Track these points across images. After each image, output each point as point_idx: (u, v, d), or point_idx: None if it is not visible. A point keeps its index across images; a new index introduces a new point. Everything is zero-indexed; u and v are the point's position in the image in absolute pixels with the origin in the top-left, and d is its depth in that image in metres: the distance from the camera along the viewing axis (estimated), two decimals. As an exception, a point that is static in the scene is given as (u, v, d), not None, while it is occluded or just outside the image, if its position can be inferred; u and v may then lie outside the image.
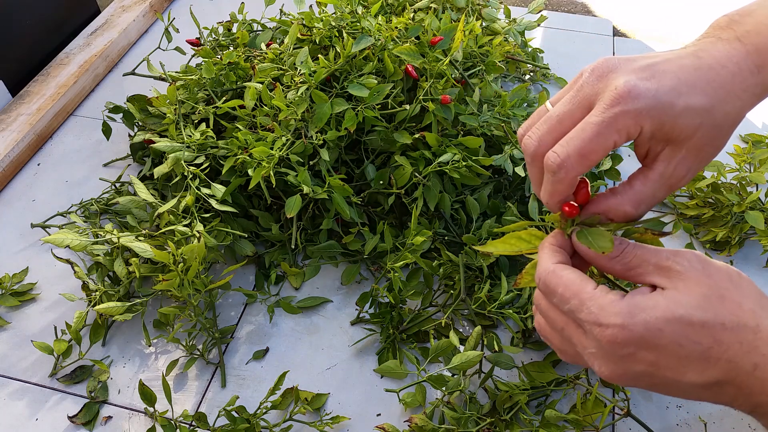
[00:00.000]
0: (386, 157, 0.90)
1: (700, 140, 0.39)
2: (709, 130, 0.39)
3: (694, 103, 0.38)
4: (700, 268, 0.38)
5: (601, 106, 0.38)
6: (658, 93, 0.38)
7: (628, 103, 0.38)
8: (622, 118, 0.38)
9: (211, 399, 0.77)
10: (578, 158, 0.39)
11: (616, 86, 0.39)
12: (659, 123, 0.38)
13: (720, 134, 0.40)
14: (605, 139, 0.38)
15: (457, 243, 0.88)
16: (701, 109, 0.38)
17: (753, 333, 0.36)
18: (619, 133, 0.38)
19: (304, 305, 0.86)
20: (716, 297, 0.37)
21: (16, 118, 1.09)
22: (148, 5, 1.35)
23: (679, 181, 0.40)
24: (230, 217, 0.87)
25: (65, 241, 0.79)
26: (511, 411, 0.72)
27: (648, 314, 0.36)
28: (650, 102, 0.38)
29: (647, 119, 0.38)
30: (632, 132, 0.38)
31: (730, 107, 0.39)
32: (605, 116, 0.38)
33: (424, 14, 1.02)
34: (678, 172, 0.40)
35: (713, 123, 0.39)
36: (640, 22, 1.39)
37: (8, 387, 0.79)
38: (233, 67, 0.93)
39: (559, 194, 0.41)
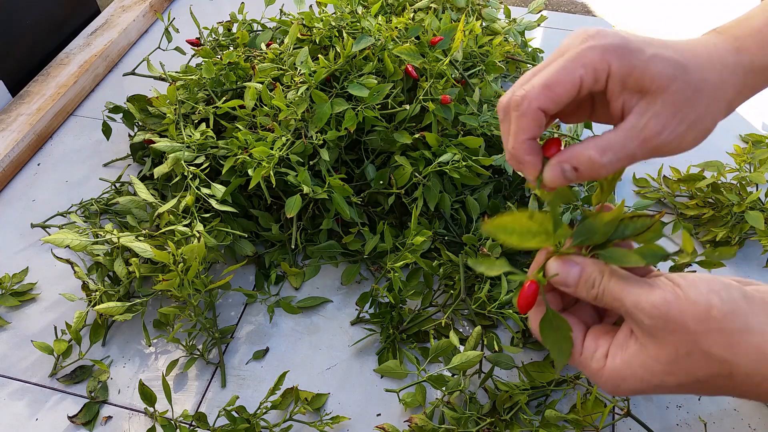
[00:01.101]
0: (386, 157, 0.90)
1: (676, 95, 0.38)
2: (684, 87, 0.38)
3: (665, 53, 0.38)
4: (662, 326, 0.37)
5: (569, 49, 0.39)
6: (627, 38, 0.38)
7: (596, 40, 0.38)
8: (589, 52, 0.37)
9: (211, 399, 0.77)
10: (541, 88, 0.38)
11: (587, 31, 0.39)
12: (629, 66, 0.37)
13: (700, 98, 0.38)
14: (570, 72, 0.38)
15: (457, 243, 0.88)
16: (675, 61, 0.38)
17: (728, 379, 0.37)
18: (585, 66, 0.37)
19: (304, 305, 0.86)
20: (684, 356, 0.37)
21: (16, 118, 1.09)
22: (148, 5, 1.35)
23: (653, 136, 0.39)
24: (230, 217, 0.87)
25: (65, 241, 0.79)
26: (511, 411, 0.72)
27: (629, 383, 0.39)
28: (618, 41, 0.38)
29: (614, 57, 0.37)
30: (599, 68, 0.37)
31: (707, 74, 0.39)
32: (572, 52, 0.38)
33: (424, 14, 1.02)
34: (652, 125, 0.38)
35: (689, 81, 0.38)
36: (640, 22, 1.39)
37: (8, 387, 0.79)
38: (233, 67, 0.93)
39: (522, 131, 0.39)
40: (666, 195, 0.98)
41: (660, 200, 1.00)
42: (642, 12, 1.41)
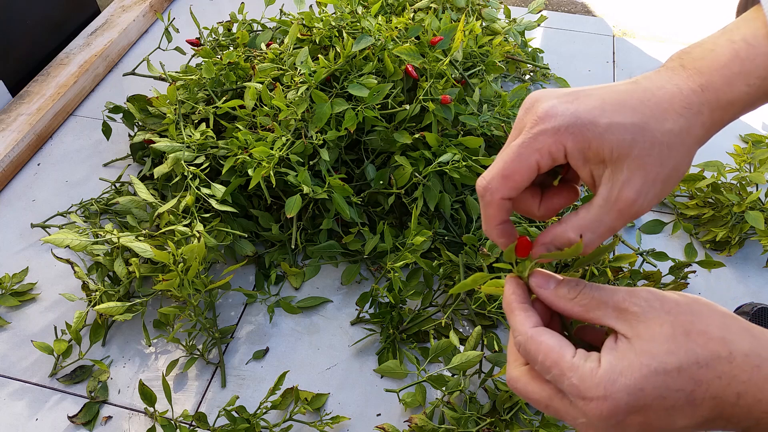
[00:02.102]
0: (386, 157, 0.90)
1: (641, 159, 0.37)
2: (647, 147, 0.37)
3: (620, 119, 0.37)
4: (658, 306, 0.37)
5: (524, 131, 0.39)
6: (577, 111, 0.37)
7: (546, 123, 0.38)
8: (541, 136, 0.38)
9: (211, 399, 0.77)
10: (500, 179, 0.39)
11: (537, 111, 0.38)
12: (584, 141, 0.37)
13: (669, 153, 0.38)
14: (525, 159, 0.38)
15: (457, 243, 0.88)
16: (630, 125, 0.37)
17: (728, 362, 0.36)
18: (540, 152, 0.38)
19: (304, 305, 0.86)
20: (682, 334, 0.36)
21: (16, 118, 1.09)
22: (148, 5, 1.35)
23: (628, 205, 0.38)
24: (230, 217, 0.87)
25: (65, 241, 0.78)
26: (511, 411, 0.72)
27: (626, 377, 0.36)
28: (568, 119, 0.37)
29: (568, 137, 0.37)
30: (554, 151, 0.38)
31: (670, 125, 0.38)
32: (524, 138, 0.38)
33: (424, 14, 1.02)
34: (625, 195, 0.38)
35: (651, 140, 0.37)
36: (640, 22, 1.39)
37: (8, 387, 0.79)
38: (233, 67, 0.93)
39: (491, 219, 0.41)
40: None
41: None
42: (642, 12, 1.41)
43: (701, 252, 0.92)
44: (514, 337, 0.41)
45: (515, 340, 0.40)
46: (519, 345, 0.40)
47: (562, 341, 0.39)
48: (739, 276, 0.90)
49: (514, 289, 0.42)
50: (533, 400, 0.40)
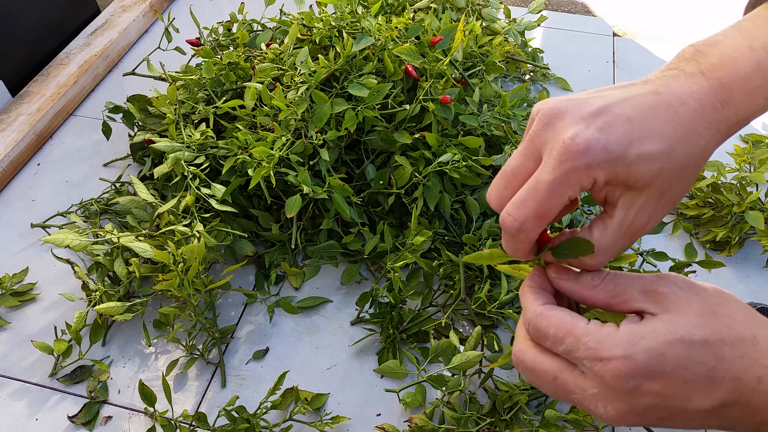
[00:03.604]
0: (386, 157, 0.90)
1: (662, 185, 0.37)
2: (670, 174, 0.37)
3: (649, 149, 0.37)
4: (687, 288, 0.38)
5: (551, 162, 0.37)
6: (608, 143, 0.36)
7: (578, 159, 0.36)
8: (573, 174, 0.37)
9: (211, 399, 0.77)
10: (535, 219, 0.38)
11: (563, 140, 0.37)
12: (613, 173, 0.37)
13: (684, 175, 0.38)
14: (559, 196, 0.37)
15: (457, 243, 0.88)
16: (658, 154, 0.37)
17: (752, 345, 0.36)
18: (572, 188, 0.37)
19: (304, 305, 0.86)
20: (709, 313, 0.36)
21: (16, 118, 1.09)
22: (148, 5, 1.35)
23: (640, 229, 0.38)
24: (230, 217, 0.87)
25: (65, 241, 0.78)
26: (511, 411, 0.72)
27: (649, 340, 0.35)
28: (600, 154, 0.36)
29: (599, 171, 0.37)
30: (586, 185, 0.37)
31: (692, 147, 0.38)
32: (556, 174, 0.37)
33: (424, 14, 1.02)
34: (639, 220, 0.38)
35: (674, 166, 0.37)
36: (640, 22, 1.39)
37: (8, 387, 0.79)
38: (233, 67, 0.93)
39: (522, 252, 0.40)
40: (666, 195, 0.98)
41: (660, 200, 1.00)
42: (642, 12, 1.41)
43: (701, 252, 0.92)
44: (523, 317, 0.40)
45: (524, 318, 0.39)
46: (528, 323, 0.39)
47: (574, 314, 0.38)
48: (739, 276, 0.90)
49: (532, 274, 0.41)
50: (540, 373, 0.39)
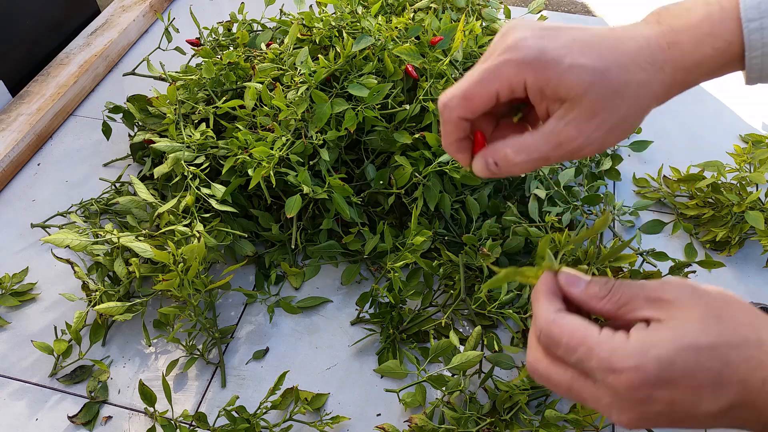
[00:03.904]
0: (386, 157, 0.90)
1: (594, 101, 0.38)
2: (603, 92, 0.38)
3: (583, 62, 0.38)
4: (690, 292, 0.38)
5: (490, 56, 0.40)
6: (545, 47, 0.39)
7: (513, 53, 0.39)
8: (505, 66, 0.39)
9: (211, 399, 0.77)
10: (460, 99, 0.40)
11: (507, 39, 0.40)
12: (544, 78, 0.38)
13: (620, 101, 0.39)
14: (486, 85, 0.40)
15: (457, 243, 0.88)
16: (592, 68, 0.38)
17: (757, 347, 0.36)
18: (501, 80, 0.39)
19: (304, 305, 0.86)
20: (713, 317, 0.37)
21: (16, 118, 1.09)
22: (148, 5, 1.35)
23: (568, 140, 0.39)
24: (230, 217, 0.87)
25: (65, 241, 0.79)
26: (511, 411, 0.72)
27: (658, 349, 0.36)
28: (534, 53, 0.38)
29: (530, 71, 0.38)
30: (515, 82, 0.39)
31: (630, 75, 0.39)
32: (489, 64, 0.39)
33: (424, 14, 1.02)
34: (567, 131, 0.39)
35: (608, 86, 0.38)
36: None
37: (8, 387, 0.79)
38: (233, 67, 0.93)
39: (448, 135, 0.42)
40: (666, 195, 0.98)
41: (660, 200, 1.00)
42: (642, 12, 1.42)
43: (701, 252, 0.92)
44: (535, 325, 0.40)
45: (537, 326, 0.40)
46: (540, 331, 0.39)
47: (587, 322, 0.38)
48: (739, 276, 0.90)
49: (544, 280, 0.42)
50: (555, 383, 0.39)
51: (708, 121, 1.13)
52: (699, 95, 1.19)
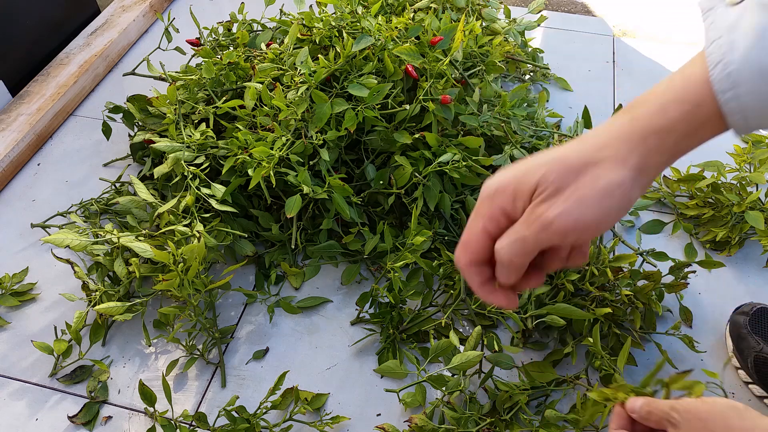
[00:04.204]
0: (386, 157, 0.90)
1: (557, 181, 0.41)
2: (564, 171, 0.41)
3: (545, 159, 0.42)
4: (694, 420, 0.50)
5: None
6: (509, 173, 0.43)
7: (484, 192, 0.43)
8: (481, 203, 0.43)
9: (211, 399, 0.77)
10: (461, 248, 0.45)
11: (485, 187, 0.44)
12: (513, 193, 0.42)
13: (583, 176, 0.41)
14: (473, 227, 0.44)
15: (457, 243, 0.88)
16: (551, 158, 0.42)
17: None
18: (483, 216, 0.43)
19: (304, 305, 0.86)
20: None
21: (16, 118, 1.09)
22: (148, 5, 1.35)
23: (539, 214, 0.41)
24: (230, 217, 0.87)
25: (65, 241, 0.78)
26: (511, 411, 0.71)
27: None
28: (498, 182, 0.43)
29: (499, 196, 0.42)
30: (495, 212, 0.43)
31: (590, 156, 0.42)
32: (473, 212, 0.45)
33: (424, 14, 1.02)
34: (538, 207, 0.41)
35: (569, 167, 0.42)
36: (640, 22, 1.39)
37: (8, 387, 0.79)
38: (233, 67, 0.93)
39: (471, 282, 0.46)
40: (666, 195, 0.98)
41: (660, 200, 1.00)
42: (642, 12, 1.41)
43: (701, 252, 0.92)
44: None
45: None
46: None
47: None
48: (739, 276, 0.90)
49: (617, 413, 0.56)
50: None
51: (708, 121, 1.13)
52: (699, 95, 1.19)
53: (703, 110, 0.40)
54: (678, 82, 0.41)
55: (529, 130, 0.93)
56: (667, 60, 1.28)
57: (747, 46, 0.37)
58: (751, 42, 0.37)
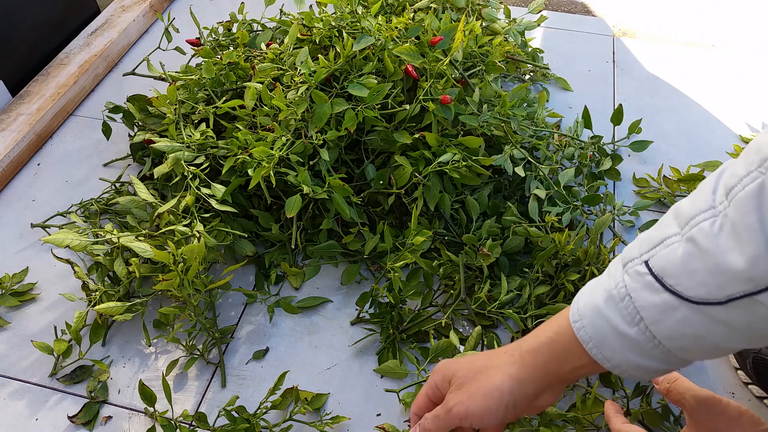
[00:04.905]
0: (386, 157, 0.90)
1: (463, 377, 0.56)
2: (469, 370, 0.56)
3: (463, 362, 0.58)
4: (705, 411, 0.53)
5: None
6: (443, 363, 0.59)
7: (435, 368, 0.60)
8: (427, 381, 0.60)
9: (211, 399, 0.77)
10: (413, 403, 0.61)
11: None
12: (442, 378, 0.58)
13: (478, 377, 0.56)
14: (422, 390, 0.60)
15: (457, 243, 0.88)
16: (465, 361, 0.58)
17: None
18: (428, 385, 0.59)
19: (304, 305, 0.86)
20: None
21: (16, 118, 1.09)
22: (148, 5, 1.35)
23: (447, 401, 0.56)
24: (230, 217, 0.87)
25: (65, 241, 0.78)
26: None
27: None
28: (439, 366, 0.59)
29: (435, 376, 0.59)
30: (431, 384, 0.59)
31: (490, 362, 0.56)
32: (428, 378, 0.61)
33: (424, 14, 1.02)
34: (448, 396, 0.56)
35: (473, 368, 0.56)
36: (640, 22, 1.39)
37: (8, 387, 0.79)
38: (233, 67, 0.93)
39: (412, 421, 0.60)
40: (666, 195, 0.98)
41: (660, 200, 1.00)
42: (642, 12, 1.41)
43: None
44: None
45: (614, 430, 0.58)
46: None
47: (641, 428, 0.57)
48: (739, 276, 0.90)
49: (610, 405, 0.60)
50: None
51: (708, 121, 1.13)
52: (698, 95, 1.19)
53: (562, 338, 0.51)
54: (554, 319, 0.54)
55: (529, 130, 0.94)
56: (667, 60, 1.28)
57: (585, 292, 0.51)
58: (590, 287, 0.51)
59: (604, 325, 0.49)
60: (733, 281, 0.41)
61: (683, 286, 0.44)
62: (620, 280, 0.48)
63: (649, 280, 0.46)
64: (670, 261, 0.45)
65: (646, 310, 0.46)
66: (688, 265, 0.44)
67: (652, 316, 0.46)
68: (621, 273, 0.49)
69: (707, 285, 0.43)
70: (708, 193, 0.43)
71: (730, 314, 0.43)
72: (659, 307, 0.45)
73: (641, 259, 0.47)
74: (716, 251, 0.42)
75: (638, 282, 0.47)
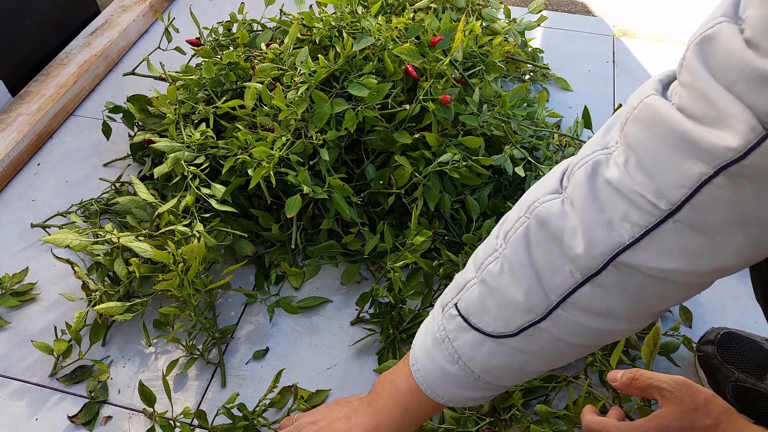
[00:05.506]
0: (386, 157, 0.90)
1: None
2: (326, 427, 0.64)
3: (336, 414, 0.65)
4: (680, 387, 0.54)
5: None
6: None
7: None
8: None
9: (211, 399, 0.77)
10: None
11: None
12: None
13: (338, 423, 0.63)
14: None
15: (457, 243, 0.88)
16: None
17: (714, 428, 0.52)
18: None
19: (304, 305, 0.86)
20: (691, 410, 0.52)
21: (16, 118, 1.09)
22: (148, 5, 1.35)
23: None
24: (230, 217, 0.87)
25: (65, 241, 0.79)
26: (510, 411, 0.72)
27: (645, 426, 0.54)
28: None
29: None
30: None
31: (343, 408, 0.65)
32: None
33: (424, 14, 1.02)
34: None
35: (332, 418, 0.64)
36: (640, 22, 1.39)
37: (8, 387, 0.79)
38: (233, 67, 0.93)
39: None
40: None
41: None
42: (642, 12, 1.41)
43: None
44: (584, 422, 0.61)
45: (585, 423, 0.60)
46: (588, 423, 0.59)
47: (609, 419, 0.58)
48: (738, 275, 0.90)
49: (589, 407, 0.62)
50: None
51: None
52: (699, 95, 1.19)
53: (398, 372, 0.58)
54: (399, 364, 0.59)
55: (529, 130, 0.94)
56: (667, 60, 1.28)
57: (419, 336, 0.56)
58: (422, 332, 0.56)
59: (433, 367, 0.54)
60: (518, 313, 0.47)
61: (483, 322, 0.49)
62: (440, 322, 0.53)
63: (459, 321, 0.51)
64: (471, 301, 0.50)
65: (462, 348, 0.51)
66: (484, 304, 0.49)
67: (467, 353, 0.51)
68: (441, 316, 0.54)
69: (501, 319, 0.48)
70: (493, 238, 0.50)
71: (525, 343, 0.48)
72: (470, 344, 0.51)
73: (452, 302, 0.52)
74: (501, 288, 0.48)
75: (452, 324, 0.52)
